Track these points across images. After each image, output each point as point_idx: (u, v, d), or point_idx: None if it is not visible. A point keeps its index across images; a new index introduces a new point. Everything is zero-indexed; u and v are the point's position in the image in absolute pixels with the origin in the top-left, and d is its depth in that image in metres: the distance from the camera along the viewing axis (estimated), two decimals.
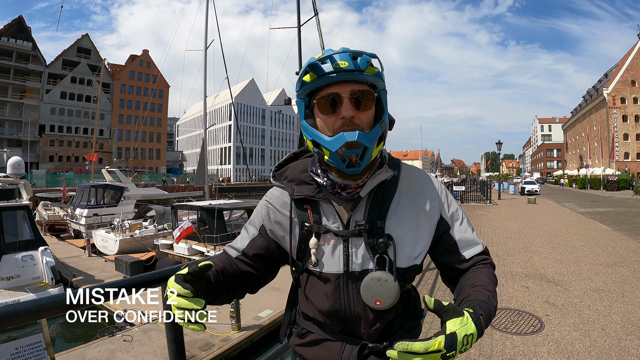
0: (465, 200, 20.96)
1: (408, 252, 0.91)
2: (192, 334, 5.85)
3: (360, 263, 0.89)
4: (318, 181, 0.93)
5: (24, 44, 45.78)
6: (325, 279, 0.91)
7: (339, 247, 0.90)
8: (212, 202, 12.99)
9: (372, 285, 0.84)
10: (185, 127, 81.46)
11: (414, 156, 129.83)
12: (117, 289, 1.16)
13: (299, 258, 0.95)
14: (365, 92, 0.85)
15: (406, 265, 0.91)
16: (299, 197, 0.93)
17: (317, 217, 0.92)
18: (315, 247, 0.91)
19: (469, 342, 0.73)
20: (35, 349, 2.72)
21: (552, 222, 11.87)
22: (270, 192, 1.02)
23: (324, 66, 0.83)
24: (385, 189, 0.92)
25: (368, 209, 0.90)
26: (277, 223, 0.98)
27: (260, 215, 1.01)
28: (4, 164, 10.86)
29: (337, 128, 0.85)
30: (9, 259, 8.17)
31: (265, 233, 1.00)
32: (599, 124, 48.17)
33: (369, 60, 0.84)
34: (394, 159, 0.99)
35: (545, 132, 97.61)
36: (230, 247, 1.05)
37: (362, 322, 0.91)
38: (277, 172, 1.03)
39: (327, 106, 0.85)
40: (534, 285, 5.02)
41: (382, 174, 0.90)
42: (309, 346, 0.98)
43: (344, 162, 0.85)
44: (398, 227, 0.90)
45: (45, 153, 47.87)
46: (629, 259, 6.53)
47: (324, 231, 0.91)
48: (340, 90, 0.84)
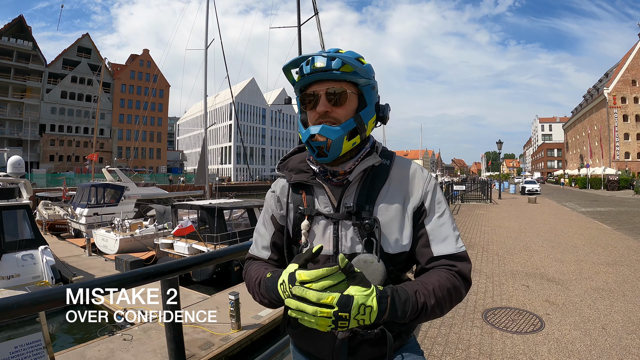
0: (466, 199, 20.93)
1: (396, 237, 0.92)
2: (192, 333, 5.85)
3: (349, 246, 0.93)
4: (313, 169, 1.00)
5: (24, 43, 45.79)
6: (315, 261, 0.90)
7: (329, 229, 0.95)
8: (213, 202, 13.00)
9: (359, 267, 0.84)
10: (185, 126, 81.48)
11: (414, 156, 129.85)
12: (112, 284, 1.15)
13: (293, 241, 1.00)
14: (339, 90, 0.91)
15: (394, 251, 0.92)
16: (295, 182, 1.00)
17: (311, 201, 0.98)
18: (306, 228, 0.95)
19: (366, 314, 0.73)
20: (34, 347, 2.71)
21: (553, 222, 11.85)
22: (275, 183, 1.10)
23: (306, 67, 0.92)
24: (376, 176, 0.97)
25: (357, 193, 0.95)
26: (280, 209, 1.05)
27: (269, 207, 1.07)
28: (4, 163, 10.87)
29: (314, 122, 0.93)
30: (9, 258, 8.18)
31: (276, 221, 1.05)
32: (600, 123, 48.13)
33: (346, 62, 0.89)
34: (389, 151, 1.03)
35: (546, 131, 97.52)
36: (257, 250, 1.07)
37: None
38: (281, 164, 1.09)
39: (308, 102, 0.95)
40: (534, 284, 5.01)
41: (369, 160, 0.95)
42: (303, 334, 0.98)
43: (314, 152, 0.94)
44: (386, 213, 0.93)
45: (46, 152, 47.89)
46: (629, 258, 6.52)
47: (315, 213, 0.96)
48: (317, 88, 0.93)
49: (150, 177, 38.55)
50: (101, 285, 1.12)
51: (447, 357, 2.96)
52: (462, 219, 12.33)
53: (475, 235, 9.12)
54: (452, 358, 2.95)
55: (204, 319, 6.48)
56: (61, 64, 49.80)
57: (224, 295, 7.66)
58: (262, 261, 1.05)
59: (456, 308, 4.14)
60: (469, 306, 4.17)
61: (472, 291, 4.68)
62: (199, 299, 7.76)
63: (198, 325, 6.13)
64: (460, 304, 4.25)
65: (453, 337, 3.34)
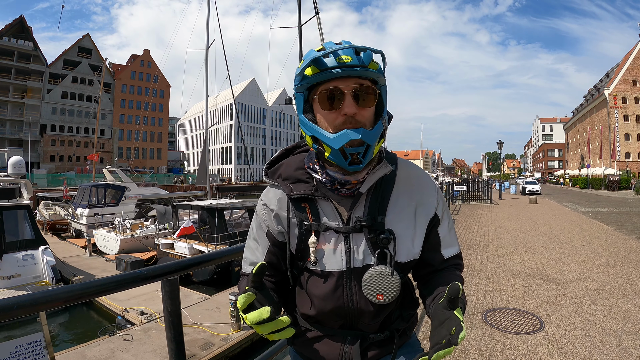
0: (466, 200, 20.91)
1: (408, 246, 0.91)
2: (192, 333, 5.86)
3: (361, 259, 0.89)
4: (316, 177, 0.92)
5: (25, 44, 45.87)
6: (327, 277, 0.90)
7: (340, 244, 0.89)
8: (213, 202, 13.00)
9: (374, 280, 0.85)
10: (186, 126, 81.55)
11: (415, 156, 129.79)
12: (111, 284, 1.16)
13: (298, 258, 0.93)
14: (367, 88, 0.83)
15: (406, 260, 0.92)
16: (297, 196, 0.92)
17: (316, 215, 0.91)
18: (314, 245, 0.89)
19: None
20: (34, 347, 2.71)
21: (553, 222, 11.84)
22: (265, 195, 1.00)
23: (327, 60, 0.81)
24: (384, 185, 0.92)
25: (369, 205, 0.90)
26: (278, 225, 0.96)
27: (262, 223, 0.98)
28: (5, 163, 10.89)
29: (339, 124, 0.83)
30: (10, 258, 8.19)
31: (273, 238, 0.97)
32: (600, 123, 48.08)
33: (371, 56, 0.83)
34: (390, 153, 0.99)
35: (547, 131, 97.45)
36: (247, 267, 1.01)
37: (363, 316, 0.92)
38: (269, 169, 1.01)
39: (329, 101, 0.83)
40: (534, 284, 5.01)
41: (381, 170, 0.90)
42: (309, 343, 0.98)
43: (346, 159, 0.83)
44: (398, 223, 0.90)
45: (47, 153, 47.96)
46: (630, 258, 6.51)
47: (323, 229, 0.90)
48: (343, 85, 0.82)
49: (151, 177, 38.61)
50: (100, 286, 1.12)
51: (446, 358, 2.96)
52: (462, 220, 12.33)
53: (476, 235, 9.11)
54: (452, 358, 2.95)
55: (205, 319, 6.52)
56: (62, 64, 49.87)
57: (224, 296, 7.67)
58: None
59: None
60: (469, 307, 4.16)
61: (471, 292, 4.68)
62: (200, 299, 7.77)
63: (198, 326, 6.14)
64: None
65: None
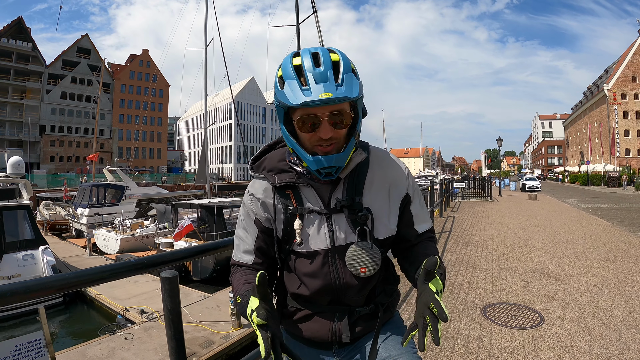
0: (466, 196, 20.90)
1: (384, 223, 1.01)
2: (193, 331, 5.86)
3: (343, 237, 0.98)
4: (297, 169, 0.99)
5: (23, 44, 45.78)
6: (314, 256, 0.98)
7: (323, 225, 0.98)
8: (212, 200, 13.02)
9: (356, 254, 0.94)
10: (185, 126, 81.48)
11: (414, 154, 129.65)
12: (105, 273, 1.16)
13: (285, 241, 1.01)
14: (341, 112, 0.88)
15: (384, 236, 1.01)
16: (281, 184, 0.99)
17: (299, 200, 0.99)
18: (299, 227, 0.97)
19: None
20: (35, 346, 2.72)
21: (553, 218, 11.84)
22: (252, 186, 1.06)
23: (307, 92, 0.84)
24: (359, 169, 1.00)
25: (347, 188, 0.99)
26: (265, 212, 1.03)
27: (250, 211, 1.05)
28: (5, 164, 10.88)
29: (314, 143, 0.91)
30: (10, 258, 8.21)
31: (261, 225, 1.04)
32: (600, 120, 48.03)
33: (352, 76, 0.88)
34: (363, 141, 1.06)
35: (546, 128, 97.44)
36: (239, 255, 1.07)
37: (349, 291, 1.00)
38: (254, 164, 1.07)
39: (306, 126, 0.89)
40: (534, 279, 5.01)
41: (357, 157, 0.98)
42: (300, 322, 1.05)
43: (320, 175, 0.93)
44: (374, 202, 0.99)
45: (46, 153, 47.94)
46: (629, 253, 6.51)
47: (307, 212, 0.98)
48: (320, 112, 0.87)
49: (151, 177, 38.61)
50: (95, 274, 1.12)
51: (445, 352, 2.96)
52: (462, 216, 12.32)
53: (475, 231, 9.11)
54: (451, 353, 2.95)
55: (205, 317, 6.52)
56: (61, 64, 49.80)
57: (224, 294, 7.68)
58: (245, 267, 1.05)
59: (455, 304, 4.15)
60: (468, 302, 4.17)
61: (471, 287, 4.68)
62: (200, 297, 7.78)
63: (199, 324, 6.15)
64: (459, 300, 4.26)
65: (452, 333, 3.34)
